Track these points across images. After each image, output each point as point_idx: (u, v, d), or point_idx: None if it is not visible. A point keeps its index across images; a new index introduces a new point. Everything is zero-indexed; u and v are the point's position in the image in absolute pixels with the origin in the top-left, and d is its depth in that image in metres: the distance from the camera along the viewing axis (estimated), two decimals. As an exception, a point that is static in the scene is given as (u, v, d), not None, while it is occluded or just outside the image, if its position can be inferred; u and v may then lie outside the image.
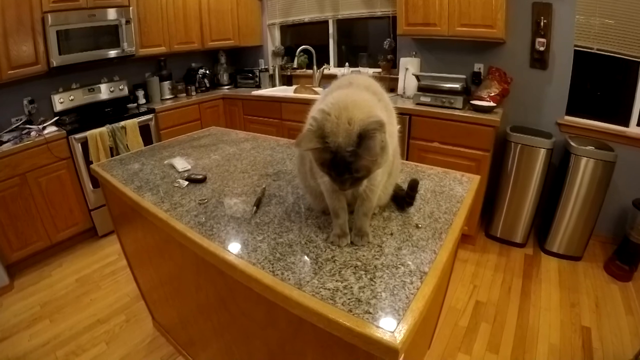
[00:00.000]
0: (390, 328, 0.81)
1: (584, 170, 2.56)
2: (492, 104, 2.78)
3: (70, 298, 2.49)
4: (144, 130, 3.40)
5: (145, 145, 3.37)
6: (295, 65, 4.11)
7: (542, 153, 2.65)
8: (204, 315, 1.45)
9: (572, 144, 2.60)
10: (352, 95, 0.93)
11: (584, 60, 2.76)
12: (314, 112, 0.95)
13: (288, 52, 4.33)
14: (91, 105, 3.43)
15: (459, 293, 2.41)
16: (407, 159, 2.84)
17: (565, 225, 2.70)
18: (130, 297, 2.46)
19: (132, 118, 3.31)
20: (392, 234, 1.11)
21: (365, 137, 0.84)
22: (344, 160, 0.85)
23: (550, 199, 2.88)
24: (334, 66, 4.10)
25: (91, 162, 3.00)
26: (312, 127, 0.87)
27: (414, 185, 1.20)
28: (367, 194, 1.02)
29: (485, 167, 2.65)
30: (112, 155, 3.14)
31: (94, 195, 3.11)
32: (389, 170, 1.08)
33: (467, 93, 2.91)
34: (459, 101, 2.77)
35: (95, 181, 3.05)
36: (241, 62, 4.57)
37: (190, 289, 1.46)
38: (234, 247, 1.08)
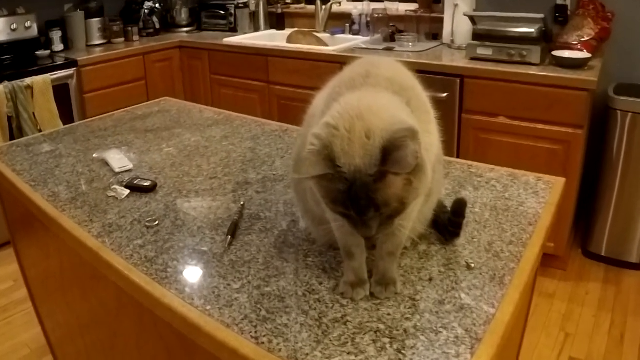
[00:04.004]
0: None
1: None
2: (585, 54, 2.78)
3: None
4: (61, 92, 3.42)
5: (61, 115, 3.41)
6: (288, -1, 4.10)
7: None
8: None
9: None
10: (367, 99, 0.94)
11: None
12: (313, 119, 0.95)
13: (278, -24, 4.29)
14: (-19, 50, 3.45)
15: (542, 347, 2.41)
16: (458, 146, 2.87)
17: None
18: (32, 349, 2.47)
19: (42, 73, 3.31)
20: (430, 280, 1.12)
21: (392, 149, 0.85)
22: (367, 189, 0.86)
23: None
24: (347, -1, 4.08)
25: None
26: (314, 147, 0.88)
27: (459, 210, 1.20)
28: (397, 225, 1.01)
29: (577, 152, 2.66)
30: (10, 128, 3.16)
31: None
32: (427, 191, 1.09)
33: (547, 40, 2.91)
34: (535, 53, 2.77)
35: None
36: (207, -9, 4.54)
37: (128, 347, 1.47)
38: (199, 299, 1.10)
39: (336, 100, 0.97)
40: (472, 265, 1.16)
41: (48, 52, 3.74)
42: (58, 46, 3.80)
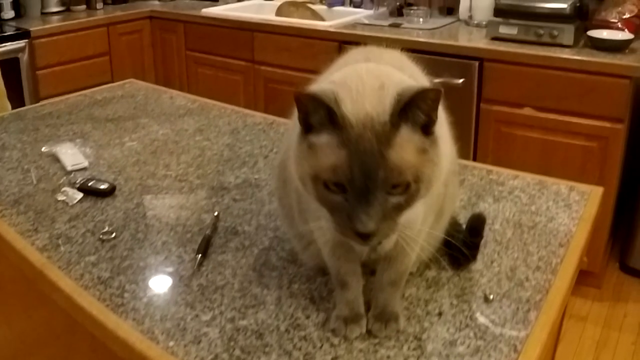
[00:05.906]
0: None
1: None
2: (627, 34, 2.78)
3: None
4: (10, 67, 3.38)
5: (9, 96, 3.35)
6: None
7: None
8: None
9: None
10: (372, 68, 0.95)
11: None
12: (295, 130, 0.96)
13: None
14: None
15: (571, 380, 2.42)
16: (475, 143, 2.86)
17: None
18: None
19: (-12, 45, 3.34)
20: (440, 315, 1.10)
21: (410, 94, 0.83)
22: (378, 143, 0.82)
23: None
24: (349, -37, 4.05)
25: None
26: (314, 91, 0.87)
27: (476, 228, 1.19)
28: (401, 248, 0.99)
29: (616, 150, 2.66)
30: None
31: None
32: (438, 208, 1.06)
33: (582, 17, 2.90)
34: (567, 32, 2.76)
35: None
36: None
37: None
38: (161, 333, 1.07)
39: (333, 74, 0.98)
40: (491, 296, 1.14)
41: (-5, 20, 3.71)
42: (8, 13, 3.77)
